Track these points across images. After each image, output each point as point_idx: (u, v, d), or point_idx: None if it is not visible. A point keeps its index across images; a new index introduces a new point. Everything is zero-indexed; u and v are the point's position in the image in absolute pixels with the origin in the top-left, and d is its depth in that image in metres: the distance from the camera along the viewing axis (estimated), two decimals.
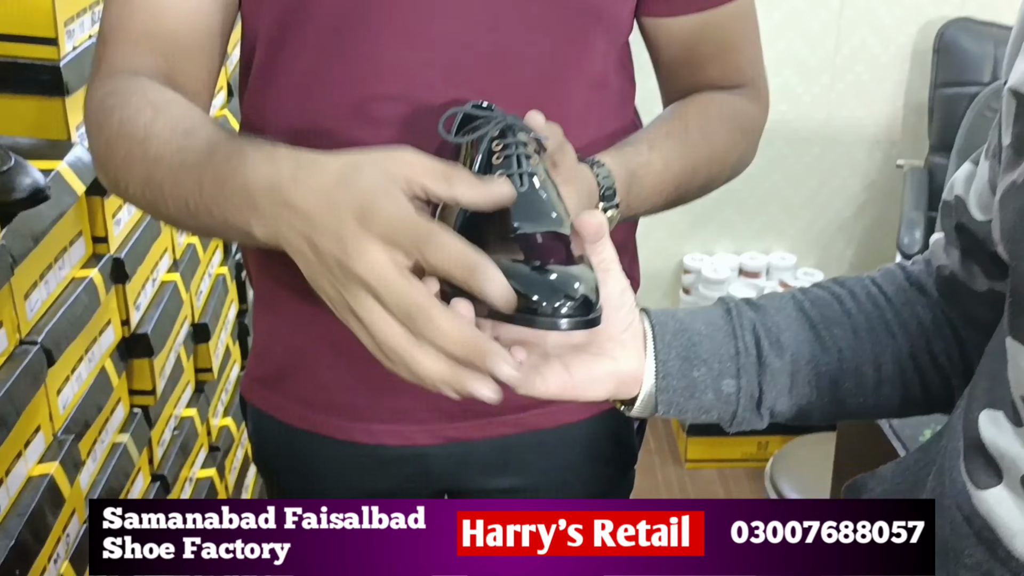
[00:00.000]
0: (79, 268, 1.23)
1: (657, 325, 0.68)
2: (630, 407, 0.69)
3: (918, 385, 0.70)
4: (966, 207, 0.65)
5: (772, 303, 0.71)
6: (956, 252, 0.68)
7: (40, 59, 1.19)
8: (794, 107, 2.52)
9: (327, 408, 0.95)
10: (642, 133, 0.87)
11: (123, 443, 1.32)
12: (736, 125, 0.91)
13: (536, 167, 0.67)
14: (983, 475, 0.54)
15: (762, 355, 0.68)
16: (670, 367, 0.67)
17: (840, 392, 0.69)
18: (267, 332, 0.98)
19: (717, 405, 0.68)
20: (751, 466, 2.48)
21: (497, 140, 0.69)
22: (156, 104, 0.74)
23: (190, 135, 0.70)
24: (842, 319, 0.70)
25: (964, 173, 0.67)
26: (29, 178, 1.07)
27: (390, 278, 0.56)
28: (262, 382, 0.99)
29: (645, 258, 2.93)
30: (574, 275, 0.60)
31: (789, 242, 2.66)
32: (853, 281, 0.73)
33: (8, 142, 1.15)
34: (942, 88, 2.33)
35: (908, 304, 0.71)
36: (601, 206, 0.80)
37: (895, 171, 2.55)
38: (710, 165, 0.89)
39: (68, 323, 1.16)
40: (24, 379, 1.04)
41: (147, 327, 1.37)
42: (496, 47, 0.82)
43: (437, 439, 0.95)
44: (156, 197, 0.72)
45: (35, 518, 1.03)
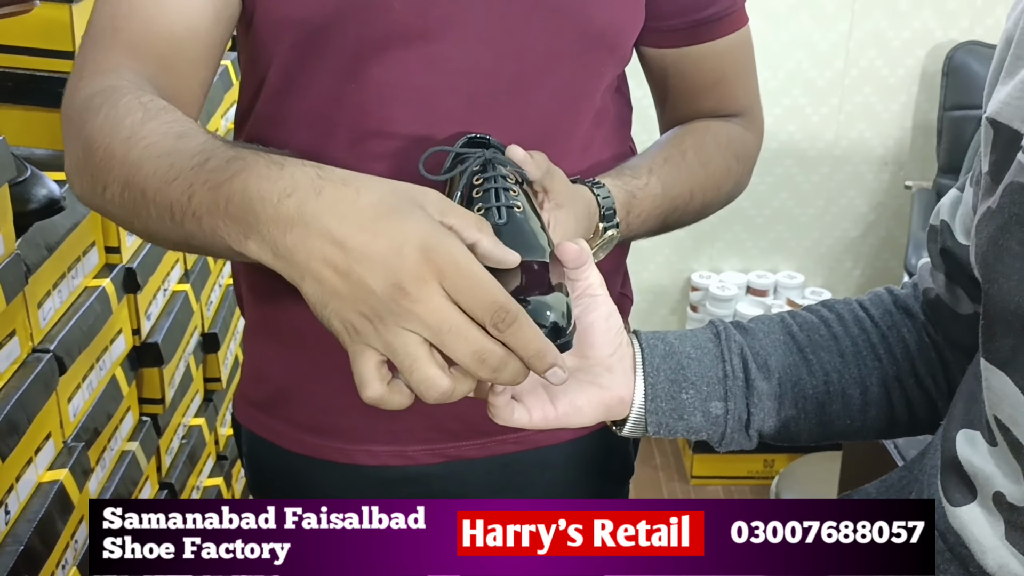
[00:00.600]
0: (92, 277, 1.25)
1: (646, 348, 0.69)
2: (620, 427, 0.70)
3: (904, 407, 0.72)
4: (951, 232, 0.66)
5: (761, 327, 0.73)
6: (941, 276, 0.69)
7: (57, 72, 1.21)
8: (802, 127, 2.53)
9: (327, 431, 0.94)
10: (641, 158, 0.89)
11: (132, 451, 1.34)
12: (731, 153, 0.93)
13: (516, 199, 0.69)
14: (957, 492, 0.55)
15: (750, 378, 0.69)
16: (659, 389, 0.68)
17: (827, 414, 0.71)
18: (261, 355, 0.97)
19: (706, 426, 0.70)
20: (757, 483, 2.48)
21: (477, 175, 0.71)
22: (148, 107, 0.68)
23: (183, 139, 0.64)
24: (829, 342, 0.71)
25: (950, 198, 0.68)
26: (45, 189, 1.10)
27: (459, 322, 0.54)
28: (257, 406, 0.98)
29: (653, 275, 2.92)
30: (546, 304, 0.61)
31: (797, 261, 2.67)
32: (841, 304, 0.75)
33: (24, 153, 1.17)
34: (951, 110, 2.34)
35: (894, 327, 0.72)
36: (601, 226, 0.81)
37: (903, 192, 2.56)
38: (705, 191, 0.90)
39: (80, 332, 1.18)
40: (36, 387, 1.06)
41: (158, 336, 1.39)
42: (518, 76, 0.83)
43: (440, 458, 0.96)
44: (136, 202, 0.65)
45: (44, 524, 1.05)
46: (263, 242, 0.56)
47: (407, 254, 0.53)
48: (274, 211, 0.55)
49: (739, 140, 0.94)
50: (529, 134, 0.77)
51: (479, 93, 0.82)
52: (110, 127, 0.68)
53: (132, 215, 0.67)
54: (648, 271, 2.68)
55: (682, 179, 0.87)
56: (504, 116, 0.82)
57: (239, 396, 1.02)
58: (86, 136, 0.70)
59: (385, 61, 0.81)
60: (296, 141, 0.85)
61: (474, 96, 0.82)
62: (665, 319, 2.75)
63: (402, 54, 0.80)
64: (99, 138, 0.68)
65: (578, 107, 0.87)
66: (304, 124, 0.85)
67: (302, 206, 0.55)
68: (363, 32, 0.80)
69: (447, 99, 0.82)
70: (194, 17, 0.78)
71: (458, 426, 0.93)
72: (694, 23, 0.89)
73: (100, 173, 0.68)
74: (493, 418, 0.65)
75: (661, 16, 0.88)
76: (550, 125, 0.85)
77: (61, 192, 1.12)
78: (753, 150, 0.96)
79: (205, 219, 0.60)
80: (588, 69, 0.86)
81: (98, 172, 0.68)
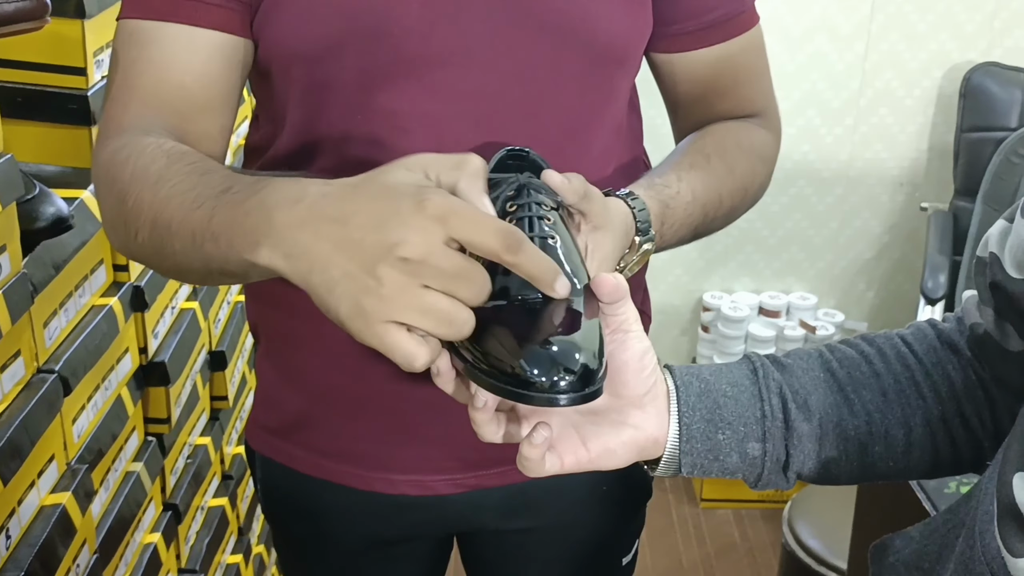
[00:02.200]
0: (99, 296, 1.23)
1: (681, 386, 0.67)
2: (653, 467, 0.68)
3: (948, 447, 0.69)
4: (1001, 264, 0.63)
5: (799, 363, 0.70)
6: (990, 311, 0.66)
7: (69, 88, 1.20)
8: (817, 148, 2.51)
9: (345, 458, 0.93)
10: (667, 166, 0.86)
11: (136, 472, 1.31)
12: (755, 155, 0.91)
13: (551, 228, 0.66)
14: (1018, 542, 0.52)
15: (789, 418, 0.66)
16: (694, 430, 0.66)
17: (869, 456, 0.68)
18: (278, 382, 0.96)
19: (742, 467, 0.67)
20: (768, 507, 2.44)
21: (512, 202, 0.67)
22: (170, 153, 0.73)
23: (208, 174, 0.69)
24: (871, 380, 0.69)
25: (999, 229, 0.66)
26: (53, 207, 1.08)
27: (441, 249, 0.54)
28: (272, 431, 0.98)
29: (664, 295, 2.91)
30: (576, 344, 0.58)
31: (809, 283, 2.64)
32: (882, 339, 0.72)
33: (33, 170, 1.15)
34: (968, 132, 2.32)
35: (939, 364, 0.70)
36: (637, 240, 0.79)
37: (918, 214, 2.53)
38: (733, 194, 0.88)
39: (86, 352, 1.15)
40: (40, 408, 1.04)
41: (164, 355, 1.37)
42: (526, 98, 0.81)
43: (459, 488, 0.94)
44: (163, 237, 0.69)
45: (45, 549, 1.03)
46: (275, 246, 0.58)
47: (404, 211, 0.54)
48: (287, 214, 0.58)
49: (760, 141, 0.92)
50: (542, 153, 0.75)
51: (487, 117, 0.81)
52: (140, 175, 0.72)
53: (159, 252, 0.71)
54: (659, 291, 2.66)
55: (710, 185, 0.85)
56: (515, 138, 0.80)
57: (252, 423, 1.01)
58: (118, 190, 0.74)
59: (389, 90, 0.80)
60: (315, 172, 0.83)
61: (482, 120, 0.81)
62: (676, 340, 2.72)
63: (406, 82, 0.79)
64: (130, 188, 0.72)
65: (591, 123, 0.85)
66: (318, 159, 0.84)
67: (312, 207, 0.57)
68: (365, 62, 0.79)
69: (455, 125, 0.81)
70: (202, 67, 0.79)
71: (479, 456, 0.91)
72: (703, 25, 0.87)
73: (132, 219, 0.72)
74: (525, 472, 0.62)
75: (669, 21, 0.86)
76: (563, 143, 0.83)
77: (69, 210, 1.10)
78: (774, 150, 0.94)
79: (222, 236, 0.63)
80: (598, 85, 0.84)
81: (130, 219, 0.72)
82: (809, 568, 1.74)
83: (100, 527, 1.21)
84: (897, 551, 0.67)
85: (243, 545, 1.76)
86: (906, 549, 0.66)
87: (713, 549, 2.34)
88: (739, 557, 2.32)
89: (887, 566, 0.67)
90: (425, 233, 0.54)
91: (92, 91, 1.19)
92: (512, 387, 0.58)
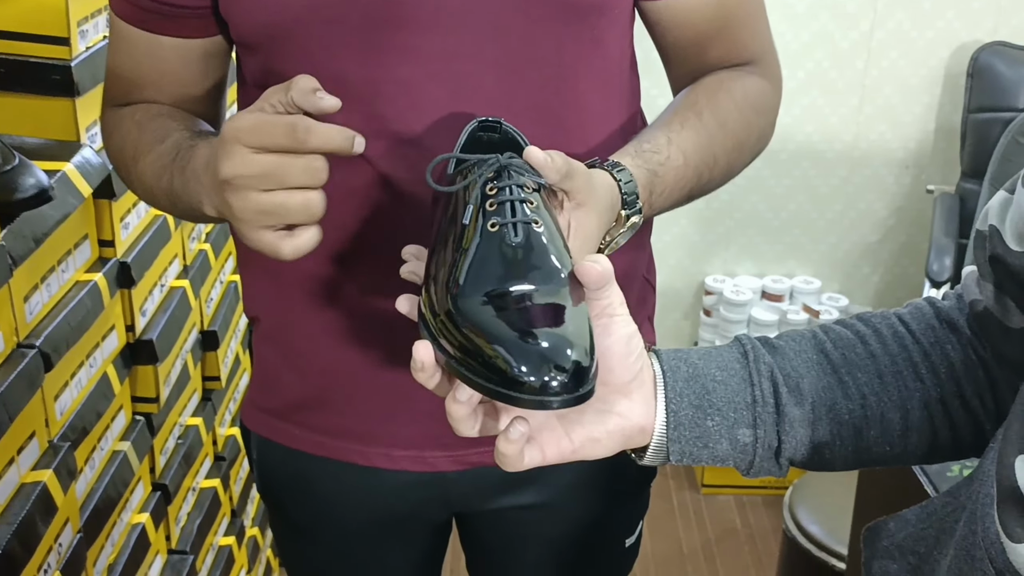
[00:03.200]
0: (83, 271, 1.21)
1: (668, 371, 0.64)
2: (640, 456, 0.65)
3: (948, 430, 0.66)
4: (1001, 237, 0.60)
5: (791, 344, 0.67)
6: (990, 286, 0.63)
7: (52, 59, 1.17)
8: (821, 128, 2.47)
9: (347, 435, 0.92)
10: (657, 127, 0.83)
11: (123, 451, 1.29)
12: (749, 105, 0.87)
13: (535, 211, 0.63)
14: (1018, 527, 0.50)
15: (780, 404, 0.64)
16: (682, 417, 0.63)
17: (864, 441, 0.65)
18: (278, 364, 0.95)
19: (732, 455, 0.64)
20: (769, 493, 2.42)
21: (491, 184, 0.64)
22: (140, 123, 0.87)
23: (162, 143, 0.83)
24: (866, 362, 0.66)
25: (998, 201, 0.63)
26: (33, 178, 1.05)
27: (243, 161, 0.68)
28: (270, 412, 0.96)
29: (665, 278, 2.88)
30: (566, 339, 0.55)
31: (813, 266, 2.61)
32: (878, 318, 0.69)
33: (14, 141, 1.13)
34: (975, 113, 2.28)
35: (937, 344, 0.67)
36: (624, 214, 0.76)
37: (923, 196, 2.50)
38: (728, 152, 0.85)
39: (69, 328, 1.13)
40: (19, 383, 1.02)
41: (153, 333, 1.34)
42: (501, 55, 0.79)
43: (460, 465, 0.93)
44: (153, 200, 0.88)
45: (25, 526, 1.01)
46: (209, 203, 0.74)
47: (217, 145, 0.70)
48: (204, 179, 0.74)
49: (756, 91, 0.88)
50: (524, 114, 0.72)
51: (463, 77, 0.78)
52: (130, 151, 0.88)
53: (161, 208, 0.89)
54: (660, 274, 2.61)
55: (702, 144, 0.82)
56: (495, 98, 0.78)
57: (248, 403, 1.00)
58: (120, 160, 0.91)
59: (361, 56, 0.78)
60: None
61: (459, 81, 0.78)
62: (677, 324, 2.69)
63: (378, 47, 0.77)
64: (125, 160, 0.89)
65: (577, 78, 0.82)
66: None
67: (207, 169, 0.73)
68: (335, 29, 0.77)
69: (430, 88, 0.78)
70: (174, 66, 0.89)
71: None
72: None
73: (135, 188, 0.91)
74: (503, 467, 0.60)
75: None
76: (546, 101, 0.80)
77: (51, 182, 1.08)
78: (773, 100, 0.90)
79: (183, 197, 0.79)
80: (578, 35, 0.81)
81: (134, 188, 0.91)
82: (810, 554, 1.72)
83: (84, 506, 1.19)
84: (891, 534, 0.64)
85: (236, 527, 1.74)
86: (901, 532, 0.64)
87: (714, 535, 2.32)
88: (740, 543, 2.30)
89: (880, 550, 0.64)
90: (229, 155, 0.68)
91: (76, 62, 1.17)
92: (500, 387, 0.55)
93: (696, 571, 2.20)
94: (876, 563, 0.64)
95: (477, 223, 0.62)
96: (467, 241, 0.62)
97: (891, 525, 0.64)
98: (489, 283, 0.59)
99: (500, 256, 0.60)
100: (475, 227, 0.62)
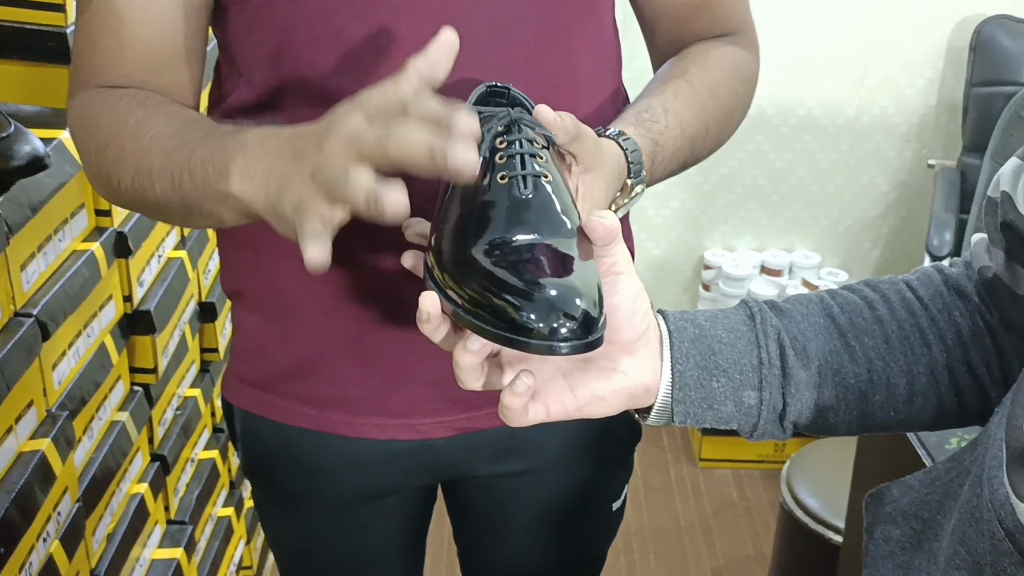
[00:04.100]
0: (80, 241, 1.20)
1: (675, 331, 0.63)
2: (645, 416, 0.65)
3: (953, 397, 0.66)
4: (1013, 203, 0.60)
5: (798, 308, 0.66)
6: (1000, 253, 0.63)
7: (47, 25, 1.16)
8: (822, 102, 2.46)
9: (335, 405, 0.91)
10: (652, 96, 0.83)
11: (122, 421, 1.29)
12: (736, 75, 0.88)
13: (544, 166, 0.63)
14: None
15: (786, 366, 0.63)
16: (687, 377, 0.62)
17: (869, 405, 0.65)
18: (261, 333, 0.93)
19: (737, 416, 0.64)
20: (767, 467, 2.43)
21: (501, 137, 0.64)
22: (146, 103, 0.76)
23: (189, 123, 0.73)
24: (873, 327, 0.65)
25: (1011, 167, 0.62)
26: (28, 146, 1.04)
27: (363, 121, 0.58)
28: (254, 384, 0.95)
29: (664, 252, 2.86)
30: (575, 288, 0.55)
31: (813, 240, 2.61)
32: (886, 284, 0.68)
33: (10, 109, 1.12)
34: (978, 87, 2.27)
35: (945, 310, 0.66)
36: (630, 182, 0.76)
37: (925, 170, 2.49)
38: (719, 121, 0.85)
39: (66, 296, 1.13)
40: (17, 352, 1.01)
41: (150, 304, 1.34)
42: (496, 13, 0.78)
43: (450, 431, 0.92)
44: (144, 182, 0.73)
45: (23, 495, 1.01)
46: (243, 171, 0.64)
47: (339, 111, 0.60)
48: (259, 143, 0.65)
49: (741, 60, 0.89)
50: (518, 74, 0.71)
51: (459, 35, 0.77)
52: (118, 127, 0.75)
53: (141, 197, 0.74)
54: (660, 248, 2.62)
55: (696, 112, 0.82)
56: (489, 57, 0.77)
57: (230, 375, 0.98)
58: (98, 143, 0.77)
59: (355, 15, 0.76)
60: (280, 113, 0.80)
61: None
62: (676, 297, 2.69)
63: (372, 5, 0.76)
64: (111, 140, 0.75)
65: (571, 37, 0.82)
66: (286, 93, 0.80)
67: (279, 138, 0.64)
68: None
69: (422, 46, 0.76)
70: (160, 19, 0.79)
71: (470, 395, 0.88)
72: None
73: (115, 170, 0.75)
74: (507, 422, 0.60)
75: None
76: (544, 62, 0.80)
77: (46, 150, 1.07)
78: (754, 69, 0.91)
79: (198, 170, 0.68)
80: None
81: (113, 169, 0.75)
82: (807, 527, 1.73)
83: (83, 476, 1.19)
84: (895, 499, 0.64)
85: (235, 498, 1.74)
86: (904, 498, 0.64)
87: (711, 508, 2.33)
88: (737, 516, 2.31)
89: (883, 515, 0.64)
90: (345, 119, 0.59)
91: (71, 28, 1.15)
92: (508, 333, 0.55)
93: (693, 544, 2.21)
94: (879, 528, 0.64)
95: (486, 175, 0.62)
96: (476, 193, 0.62)
97: (894, 491, 0.64)
98: (497, 232, 0.59)
99: (510, 207, 0.60)
100: (484, 179, 0.62)
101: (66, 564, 1.10)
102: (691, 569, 2.14)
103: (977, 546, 0.52)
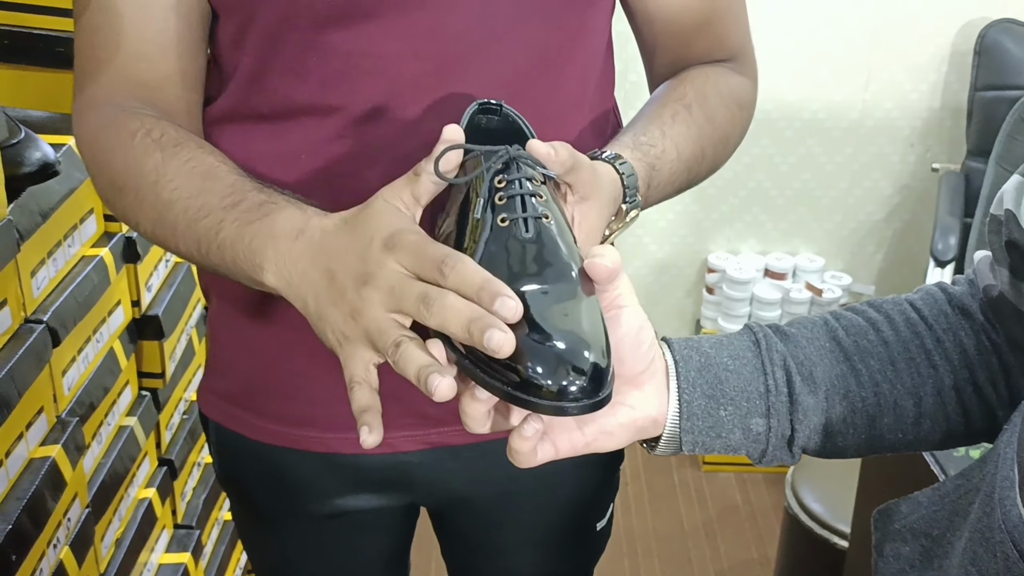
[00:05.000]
0: (89, 246, 1.21)
1: (680, 360, 0.63)
2: (653, 447, 0.65)
3: (960, 417, 0.66)
4: (1018, 222, 0.60)
5: (803, 331, 0.66)
6: (1005, 271, 0.63)
7: (56, 30, 1.16)
8: (826, 106, 2.46)
9: (303, 421, 0.90)
10: (649, 119, 0.82)
11: (130, 426, 1.30)
12: (734, 100, 0.87)
13: (544, 205, 0.61)
14: None
15: (794, 392, 0.63)
16: (695, 407, 0.62)
17: (877, 428, 0.65)
18: (231, 345, 0.92)
19: (745, 444, 0.64)
20: (771, 471, 2.43)
21: (501, 176, 0.62)
22: (163, 144, 0.75)
23: (209, 179, 0.72)
24: (879, 349, 0.65)
25: (1014, 185, 0.62)
26: (39, 152, 1.05)
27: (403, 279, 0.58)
28: (226, 398, 0.93)
29: (668, 255, 2.86)
30: (582, 340, 0.54)
31: (817, 244, 2.61)
32: (890, 305, 0.68)
33: (19, 115, 1.12)
34: (982, 91, 2.27)
35: (950, 330, 0.66)
36: (624, 208, 0.75)
37: (929, 174, 2.49)
38: (715, 146, 0.85)
39: (76, 302, 1.13)
40: (27, 359, 1.02)
41: (158, 309, 1.34)
42: (488, 37, 0.77)
43: (420, 445, 0.90)
44: (167, 235, 0.74)
45: (34, 502, 1.01)
46: (278, 273, 0.65)
47: (374, 246, 0.60)
48: (289, 247, 0.65)
49: (738, 86, 0.88)
50: (507, 97, 0.71)
51: (447, 57, 0.76)
52: (135, 170, 0.74)
53: (162, 243, 0.76)
54: (663, 251, 2.62)
55: (692, 137, 0.81)
56: (478, 81, 0.77)
57: (204, 389, 0.96)
58: (109, 179, 0.77)
59: (345, 30, 0.75)
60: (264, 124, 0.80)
61: (442, 61, 0.76)
62: (680, 301, 2.69)
63: (363, 21, 0.75)
64: (127, 181, 0.75)
65: (559, 65, 0.81)
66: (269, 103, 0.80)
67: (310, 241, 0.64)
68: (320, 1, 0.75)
69: (413, 66, 0.76)
70: (159, 33, 0.79)
71: (439, 411, 0.87)
72: None
73: (132, 212, 0.76)
74: (516, 463, 0.59)
75: None
76: (531, 87, 0.79)
77: (56, 156, 1.07)
78: (752, 95, 0.91)
79: (227, 251, 0.68)
80: (564, 24, 0.80)
81: (129, 212, 0.76)
82: (812, 532, 1.73)
83: (92, 481, 1.20)
84: (904, 516, 0.64)
85: None
86: (913, 515, 0.64)
87: (715, 512, 2.33)
88: (741, 520, 2.31)
89: (892, 532, 0.64)
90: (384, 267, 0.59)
91: None
92: (516, 391, 0.54)
93: (697, 548, 2.22)
94: (888, 545, 0.64)
95: (487, 218, 0.61)
96: (477, 237, 0.61)
97: (903, 507, 0.64)
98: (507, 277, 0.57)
99: (512, 253, 0.59)
100: (485, 222, 0.61)
101: (76, 570, 1.11)
102: (695, 573, 2.14)
103: (989, 566, 0.52)
